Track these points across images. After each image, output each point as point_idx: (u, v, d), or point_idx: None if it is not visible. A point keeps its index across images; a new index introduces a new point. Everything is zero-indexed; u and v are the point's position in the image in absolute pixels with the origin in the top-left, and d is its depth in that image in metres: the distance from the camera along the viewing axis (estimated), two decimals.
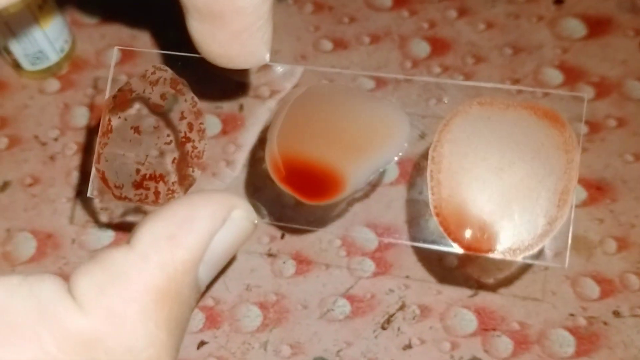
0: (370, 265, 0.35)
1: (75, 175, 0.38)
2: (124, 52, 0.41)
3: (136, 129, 0.27)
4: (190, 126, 0.27)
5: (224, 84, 0.38)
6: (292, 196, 0.27)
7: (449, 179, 0.27)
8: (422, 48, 0.41)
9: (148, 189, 0.27)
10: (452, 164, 0.27)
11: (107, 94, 0.28)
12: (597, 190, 0.36)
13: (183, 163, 0.27)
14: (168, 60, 0.29)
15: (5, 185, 0.38)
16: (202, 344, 0.34)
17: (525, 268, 0.34)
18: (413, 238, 0.35)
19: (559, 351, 0.33)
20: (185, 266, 0.18)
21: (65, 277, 0.18)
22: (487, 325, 0.34)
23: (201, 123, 0.27)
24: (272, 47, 0.27)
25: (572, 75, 0.39)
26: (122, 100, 0.27)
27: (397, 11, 0.42)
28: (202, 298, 0.35)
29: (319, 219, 0.34)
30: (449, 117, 0.28)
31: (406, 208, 0.36)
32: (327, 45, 0.41)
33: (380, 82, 0.39)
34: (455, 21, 0.41)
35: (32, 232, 0.36)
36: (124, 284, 0.18)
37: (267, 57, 0.26)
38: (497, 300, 0.34)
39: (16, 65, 0.40)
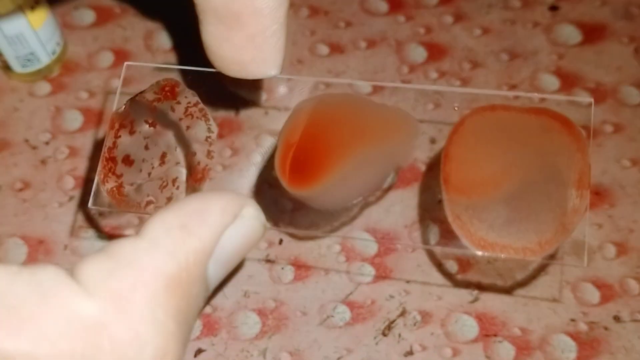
0: (370, 271, 0.35)
1: (67, 180, 0.37)
2: (118, 56, 0.41)
3: (145, 146, 0.27)
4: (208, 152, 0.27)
5: (223, 102, 0.38)
6: (299, 201, 0.27)
7: (461, 180, 0.27)
8: (418, 53, 0.41)
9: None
10: (463, 165, 0.27)
11: (115, 107, 0.28)
12: (595, 195, 0.36)
13: (192, 177, 0.27)
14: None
15: None
16: (199, 352, 0.33)
17: (525, 273, 0.34)
18: (416, 243, 0.35)
19: (561, 356, 0.33)
20: (196, 256, 0.18)
21: None
22: (489, 331, 0.33)
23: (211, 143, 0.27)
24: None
25: (568, 81, 0.40)
26: (129, 114, 0.27)
27: (393, 16, 0.42)
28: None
29: (326, 220, 0.33)
30: (459, 121, 0.28)
31: (418, 210, 0.35)
32: (324, 49, 0.41)
33: (376, 88, 0.39)
34: (451, 26, 0.41)
35: (22, 238, 0.35)
36: (133, 268, 0.17)
37: (279, 68, 0.26)
38: (498, 306, 0.34)
39: (6, 67, 0.39)
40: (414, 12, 0.42)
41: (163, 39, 0.41)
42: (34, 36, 0.37)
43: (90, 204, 0.27)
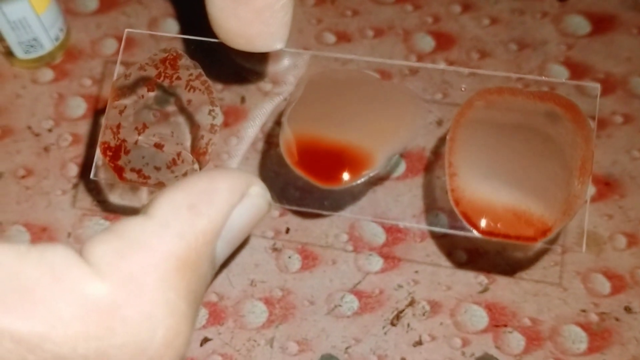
0: (378, 261, 0.34)
1: (70, 168, 0.36)
2: (119, 39, 0.40)
3: (152, 113, 0.26)
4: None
5: (227, 72, 0.37)
6: (304, 180, 0.27)
7: (466, 163, 0.26)
8: (426, 42, 0.40)
9: (162, 170, 0.26)
10: (468, 149, 0.26)
11: (115, 76, 0.27)
12: (605, 186, 0.36)
13: (195, 152, 0.26)
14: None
15: None
16: (205, 340, 0.32)
17: (535, 262, 0.34)
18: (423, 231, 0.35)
19: (572, 347, 0.32)
20: (205, 237, 0.18)
21: None
22: (498, 321, 0.33)
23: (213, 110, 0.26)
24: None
25: (578, 72, 0.39)
26: (132, 83, 0.26)
27: (400, 5, 0.41)
28: (205, 294, 0.33)
29: (333, 204, 0.33)
30: (465, 103, 0.27)
31: (423, 194, 0.35)
32: (330, 38, 0.40)
33: (384, 75, 0.39)
34: (460, 16, 0.41)
35: (25, 226, 0.35)
36: (144, 250, 0.17)
37: (284, 42, 0.26)
38: (507, 296, 0.33)
39: (8, 54, 0.38)
40: (421, 1, 0.41)
41: (167, 27, 0.40)
42: (37, 21, 0.36)
43: (92, 176, 0.26)
